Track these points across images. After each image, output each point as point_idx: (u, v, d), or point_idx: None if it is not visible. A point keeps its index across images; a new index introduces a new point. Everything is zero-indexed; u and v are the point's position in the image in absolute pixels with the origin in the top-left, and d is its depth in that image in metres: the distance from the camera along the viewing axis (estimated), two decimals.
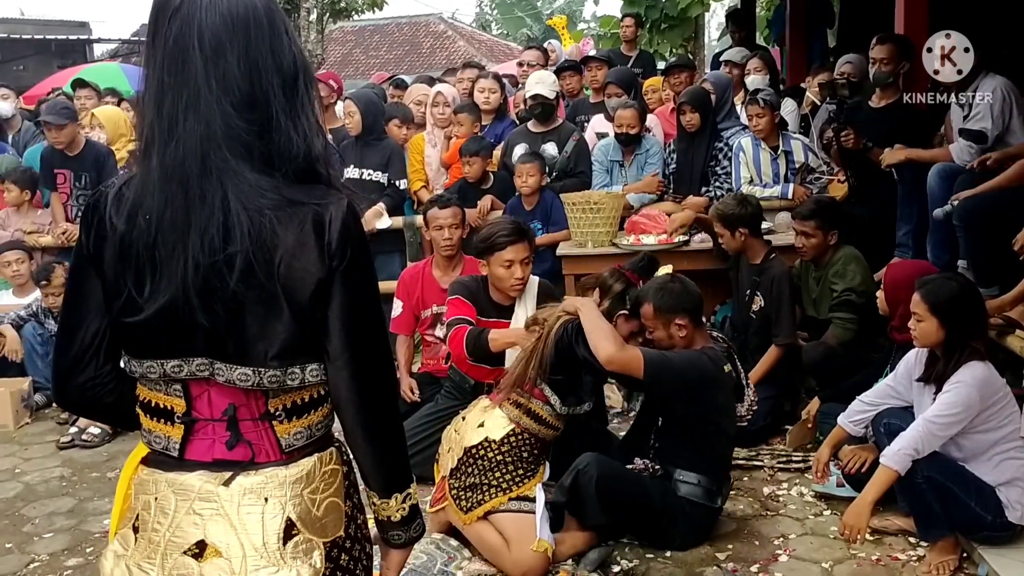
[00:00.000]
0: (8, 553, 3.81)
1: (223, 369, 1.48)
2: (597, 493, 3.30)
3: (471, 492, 3.36)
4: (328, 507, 1.54)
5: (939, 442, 3.20)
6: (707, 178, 5.86)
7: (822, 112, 6.19)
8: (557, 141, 6.08)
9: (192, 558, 1.46)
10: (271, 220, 1.43)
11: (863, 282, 4.57)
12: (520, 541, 3.24)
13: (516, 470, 3.39)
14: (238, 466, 1.50)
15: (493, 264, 3.96)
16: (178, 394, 1.52)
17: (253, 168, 1.45)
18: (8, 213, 6.53)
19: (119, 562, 1.51)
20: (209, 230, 1.41)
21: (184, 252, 1.42)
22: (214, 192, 1.42)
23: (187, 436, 1.53)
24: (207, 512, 1.47)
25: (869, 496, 3.20)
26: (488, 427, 3.43)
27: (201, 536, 1.47)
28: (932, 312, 3.26)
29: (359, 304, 1.53)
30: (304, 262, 1.46)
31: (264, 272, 1.43)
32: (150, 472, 1.53)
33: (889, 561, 3.32)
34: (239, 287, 1.42)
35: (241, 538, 1.46)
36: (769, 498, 3.88)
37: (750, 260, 4.83)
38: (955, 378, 3.20)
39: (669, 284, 3.60)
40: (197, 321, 1.44)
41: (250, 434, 1.52)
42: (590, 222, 5.39)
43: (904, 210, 5.20)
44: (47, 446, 5.15)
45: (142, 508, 1.51)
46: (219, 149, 1.43)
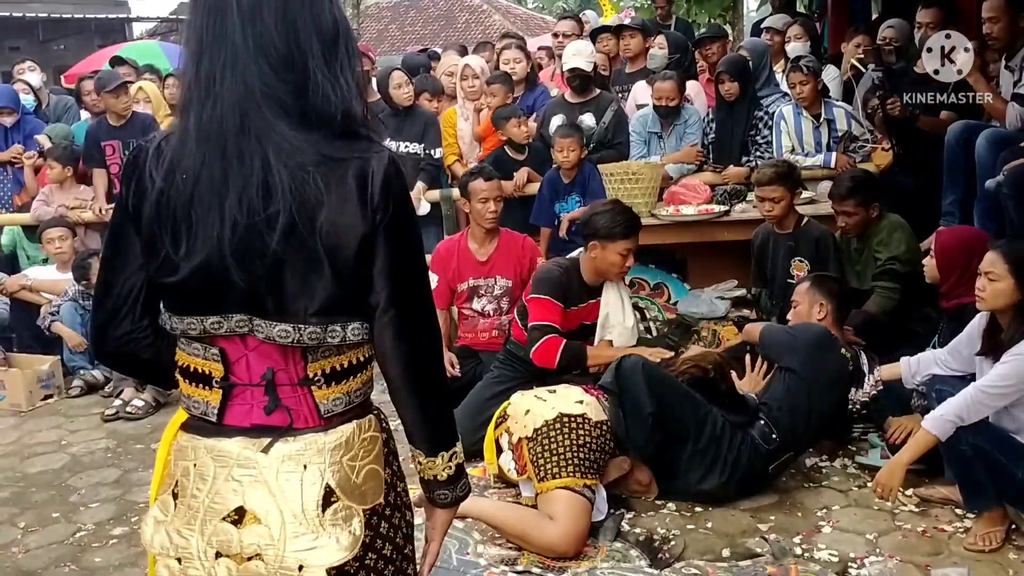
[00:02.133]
0: (55, 522, 3.87)
1: (262, 325, 1.47)
2: (645, 377, 3.40)
3: (551, 461, 3.31)
4: (367, 474, 1.54)
5: (987, 412, 3.13)
6: (747, 148, 5.78)
7: (866, 79, 6.06)
8: (595, 111, 6.01)
9: (231, 524, 1.46)
10: (313, 177, 1.42)
11: (908, 250, 4.48)
12: (573, 516, 3.22)
13: (596, 460, 3.38)
14: (276, 431, 1.49)
15: (610, 250, 4.06)
16: (216, 358, 1.51)
17: (291, 126, 1.43)
18: (52, 189, 6.61)
19: (159, 528, 1.51)
20: (248, 190, 1.41)
21: (220, 212, 1.41)
22: (253, 151, 1.42)
23: (225, 401, 1.52)
24: (246, 478, 1.47)
25: (904, 457, 3.18)
26: (587, 406, 3.44)
27: (240, 502, 1.46)
28: (1012, 272, 3.16)
29: (404, 258, 1.51)
30: (347, 218, 1.44)
31: (306, 230, 1.42)
32: (189, 438, 1.53)
33: (935, 532, 3.27)
34: (280, 247, 1.41)
35: (280, 505, 1.45)
36: (812, 470, 3.84)
37: (781, 230, 4.78)
38: (1016, 349, 3.12)
39: (829, 279, 4.15)
40: (233, 279, 1.43)
41: (288, 399, 1.50)
42: (629, 192, 5.33)
43: (950, 178, 5.09)
44: (92, 418, 5.23)
45: (181, 474, 1.51)
46: (257, 109, 1.42)
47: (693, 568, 3.10)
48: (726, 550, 3.24)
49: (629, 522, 3.47)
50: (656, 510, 3.56)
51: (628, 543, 3.32)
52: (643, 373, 3.42)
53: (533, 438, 3.37)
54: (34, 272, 6.29)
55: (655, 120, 5.95)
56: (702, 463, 3.49)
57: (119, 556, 3.52)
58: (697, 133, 5.92)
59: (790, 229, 4.76)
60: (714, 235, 5.25)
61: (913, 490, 3.50)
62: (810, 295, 4.00)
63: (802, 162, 5.56)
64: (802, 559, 3.14)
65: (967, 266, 3.61)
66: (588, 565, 3.16)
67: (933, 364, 3.59)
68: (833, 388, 3.67)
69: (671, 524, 3.45)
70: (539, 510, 3.30)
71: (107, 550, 3.58)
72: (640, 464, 3.58)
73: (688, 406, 3.49)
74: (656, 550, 3.27)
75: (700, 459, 3.49)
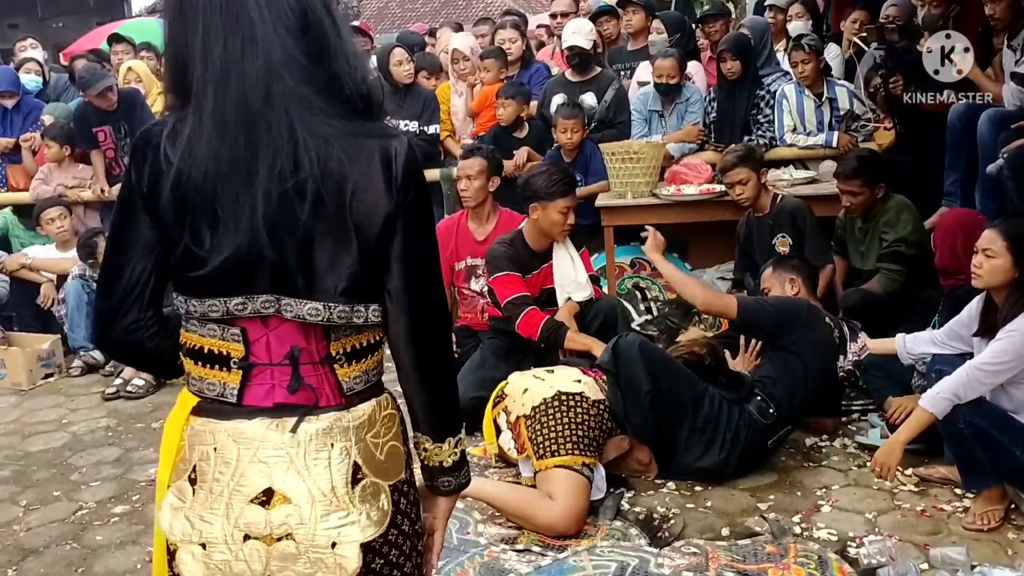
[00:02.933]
0: (57, 501, 3.89)
1: (291, 304, 1.45)
2: (642, 357, 3.43)
3: (550, 439, 3.32)
4: (389, 451, 1.54)
5: (984, 389, 3.13)
6: (749, 127, 5.74)
7: (867, 57, 6.02)
8: (596, 91, 5.97)
9: (259, 506, 1.44)
10: (338, 150, 1.41)
11: (915, 231, 4.47)
12: (572, 494, 3.23)
13: (594, 439, 3.38)
14: (301, 410, 1.47)
15: (550, 210, 4.13)
16: (236, 339, 1.48)
17: (315, 92, 1.42)
18: (50, 168, 6.59)
19: (177, 515, 1.48)
20: (278, 160, 1.39)
21: (250, 190, 1.39)
22: (280, 122, 1.39)
23: (244, 382, 1.49)
24: (272, 459, 1.45)
25: (902, 436, 3.18)
26: (585, 385, 3.45)
27: (267, 483, 1.44)
28: (1010, 249, 3.16)
29: (420, 244, 1.52)
30: (374, 196, 1.44)
31: (334, 203, 1.42)
32: (205, 422, 1.50)
33: (934, 512, 3.27)
34: (310, 220, 1.41)
35: (309, 484, 1.44)
36: (811, 449, 3.85)
37: (759, 212, 4.80)
38: (1011, 326, 3.12)
39: (788, 257, 4.18)
40: (264, 257, 1.41)
41: (311, 378, 1.49)
42: (630, 172, 5.31)
43: (952, 158, 5.06)
44: (93, 397, 5.23)
45: (199, 459, 1.48)
46: (281, 79, 1.40)
47: (692, 547, 3.11)
48: (725, 529, 3.25)
49: (629, 501, 3.49)
50: (656, 489, 3.57)
51: (628, 522, 3.33)
52: (640, 352, 3.44)
53: (531, 416, 3.37)
54: (34, 251, 6.28)
55: (656, 98, 5.92)
56: (700, 440, 3.50)
57: (120, 534, 3.53)
58: (698, 112, 5.89)
59: (767, 210, 4.79)
60: (715, 215, 5.23)
61: (912, 470, 3.51)
62: (778, 276, 4.06)
63: (804, 141, 5.54)
64: (801, 538, 3.15)
65: (968, 246, 3.60)
66: (588, 543, 3.17)
67: (929, 343, 3.59)
68: (823, 357, 3.71)
69: (671, 503, 3.46)
70: (538, 489, 3.31)
71: (108, 528, 3.59)
72: (639, 444, 3.59)
73: (685, 384, 3.51)
74: (656, 529, 3.28)
75: (699, 436, 3.50)
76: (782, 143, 5.61)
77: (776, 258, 4.25)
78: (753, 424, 3.52)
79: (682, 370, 3.55)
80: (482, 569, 3.06)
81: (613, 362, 3.48)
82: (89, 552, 3.41)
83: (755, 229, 4.83)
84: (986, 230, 3.26)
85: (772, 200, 4.81)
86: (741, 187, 4.72)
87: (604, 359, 3.54)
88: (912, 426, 3.17)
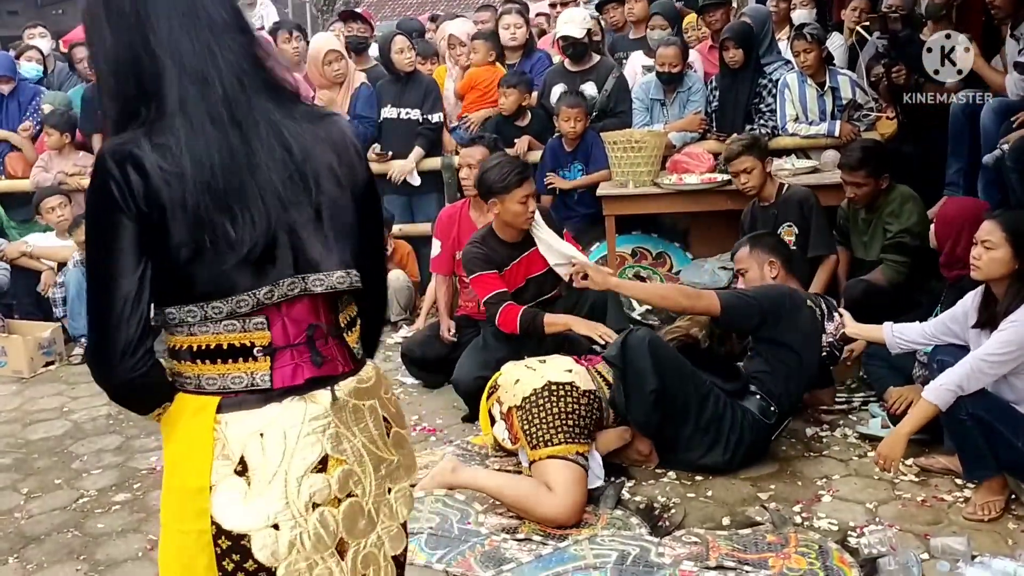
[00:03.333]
0: (57, 488, 3.89)
1: (320, 279, 1.54)
2: (651, 354, 3.39)
3: (542, 429, 3.32)
4: (397, 403, 1.74)
5: (987, 380, 3.13)
6: (751, 116, 5.73)
7: (869, 46, 6.01)
8: (596, 80, 5.95)
9: (317, 473, 1.52)
10: (311, 131, 1.54)
11: (919, 222, 4.45)
12: (570, 485, 3.23)
13: (586, 427, 3.38)
14: (330, 380, 1.57)
15: (509, 202, 4.10)
16: (260, 327, 1.52)
17: (269, 86, 1.53)
18: (50, 156, 6.58)
19: (237, 508, 1.48)
20: (272, 148, 1.49)
21: (256, 179, 1.47)
22: (259, 112, 1.49)
23: (272, 367, 1.54)
24: (319, 429, 1.53)
25: (905, 428, 3.17)
26: (576, 375, 3.44)
27: (322, 451, 1.53)
28: (1009, 240, 3.15)
29: (378, 215, 1.73)
30: (352, 166, 1.59)
31: (331, 179, 1.54)
32: (240, 415, 1.51)
33: (934, 502, 3.28)
34: (316, 196, 1.52)
35: (356, 443, 1.58)
36: (812, 439, 3.85)
37: (765, 199, 4.78)
38: (1014, 316, 3.11)
39: (763, 235, 4.09)
40: (283, 239, 1.49)
41: (328, 350, 1.59)
42: (631, 161, 5.30)
43: (955, 148, 5.06)
44: (94, 385, 5.11)
45: (243, 451, 1.49)
46: (246, 73, 1.50)
47: (693, 536, 3.12)
48: (726, 518, 3.25)
49: (629, 490, 3.49)
50: (656, 479, 3.58)
51: (628, 511, 3.34)
52: (649, 349, 3.41)
53: (522, 407, 3.37)
54: (34, 239, 6.28)
55: (658, 87, 5.90)
56: (704, 440, 3.51)
57: (121, 522, 3.53)
58: (700, 101, 5.87)
59: (772, 199, 4.76)
60: (717, 204, 5.23)
61: (913, 460, 3.51)
62: (756, 256, 3.98)
63: (806, 130, 5.53)
64: (802, 528, 3.15)
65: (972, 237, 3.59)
66: (589, 533, 3.17)
67: (919, 335, 3.55)
68: (812, 342, 3.70)
69: (671, 493, 3.46)
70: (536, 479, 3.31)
71: (110, 516, 3.59)
72: (641, 436, 3.59)
73: (691, 384, 3.49)
74: (656, 518, 3.28)
75: (702, 436, 3.51)
76: (784, 132, 5.60)
77: (751, 236, 4.14)
78: (756, 424, 3.53)
79: (689, 369, 3.52)
80: (483, 557, 3.06)
81: (621, 357, 3.46)
82: (90, 540, 3.42)
83: (760, 218, 4.81)
84: (985, 221, 3.25)
85: (778, 189, 4.78)
86: (746, 176, 4.70)
87: (611, 353, 3.51)
88: (916, 418, 3.16)
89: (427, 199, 6.23)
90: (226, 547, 1.49)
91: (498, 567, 3.00)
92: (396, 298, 5.83)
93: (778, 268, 3.95)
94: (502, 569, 2.98)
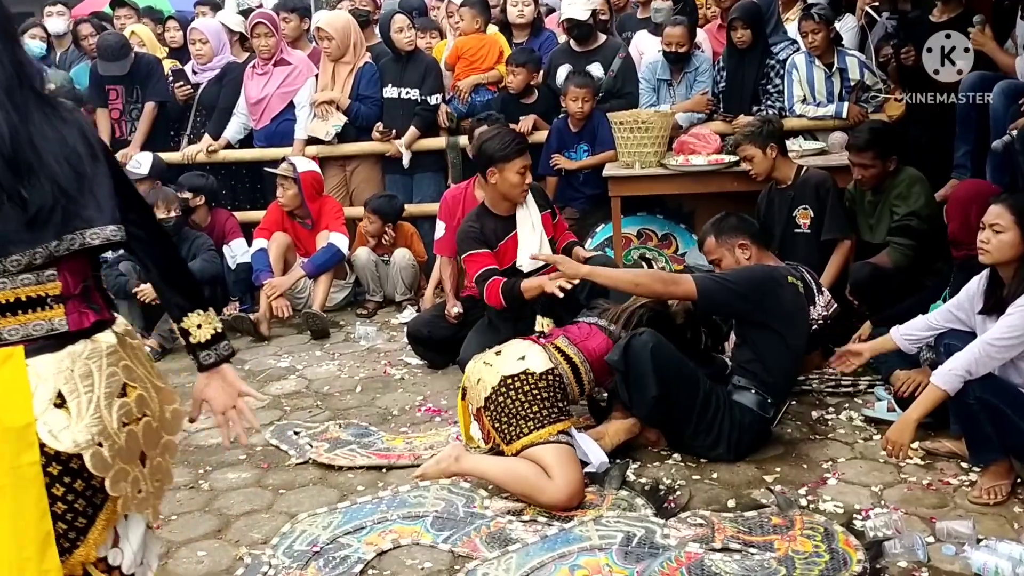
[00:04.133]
0: None
1: (96, 233, 1.82)
2: (653, 361, 3.36)
3: (510, 424, 3.33)
4: None
5: (995, 364, 3.12)
6: (758, 97, 5.69)
7: (879, 27, 5.96)
8: (602, 61, 5.92)
9: (121, 398, 1.85)
10: (61, 117, 1.82)
11: (927, 204, 4.43)
12: (563, 466, 3.23)
13: (553, 408, 3.37)
14: (107, 323, 1.90)
15: (508, 171, 4.12)
16: (52, 279, 1.81)
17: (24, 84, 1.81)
18: None
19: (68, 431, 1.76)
20: (46, 131, 1.79)
21: (40, 154, 1.76)
22: (29, 102, 1.79)
23: (65, 314, 1.82)
24: (115, 362, 1.86)
25: (914, 415, 3.16)
26: (528, 360, 3.42)
27: (121, 380, 1.86)
28: (1018, 223, 3.13)
29: (126, 178, 2.00)
30: (94, 142, 1.87)
31: (88, 154, 1.83)
32: (44, 359, 1.78)
33: (940, 485, 3.27)
34: (87, 167, 1.81)
35: (140, 371, 1.93)
36: (818, 422, 3.85)
37: (781, 183, 4.72)
38: (1021, 300, 3.10)
39: (725, 217, 3.87)
40: (62, 204, 1.77)
41: (97, 300, 1.92)
42: (638, 142, 5.26)
43: (963, 130, 5.02)
44: None
45: (60, 387, 1.78)
46: (16, 77, 1.79)
47: (699, 518, 3.12)
48: (731, 501, 3.25)
49: (635, 472, 3.49)
50: (661, 460, 3.58)
51: (634, 492, 3.34)
52: (652, 355, 3.37)
53: (486, 407, 3.39)
54: None
55: (665, 67, 5.86)
56: (706, 440, 3.51)
57: None
58: (707, 81, 5.83)
59: (789, 182, 4.71)
60: (723, 186, 5.19)
61: (919, 443, 3.49)
62: (724, 243, 3.83)
63: (813, 112, 5.50)
64: (807, 510, 3.15)
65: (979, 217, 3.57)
66: (594, 514, 3.17)
67: (927, 328, 3.53)
68: (798, 322, 3.61)
69: (676, 474, 3.46)
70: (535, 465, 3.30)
71: None
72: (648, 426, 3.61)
73: (693, 388, 3.47)
74: (662, 499, 3.28)
75: (704, 435, 3.51)
76: (791, 113, 5.57)
77: (713, 223, 3.92)
78: (755, 420, 3.51)
79: (690, 371, 3.48)
80: (488, 538, 3.07)
81: (623, 362, 3.43)
82: None
83: (776, 201, 4.76)
84: (993, 205, 3.23)
85: (796, 172, 4.72)
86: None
87: (613, 357, 3.47)
88: (924, 404, 3.15)
89: (427, 180, 6.24)
90: (57, 472, 1.76)
91: (504, 547, 3.00)
92: (401, 277, 5.83)
93: (750, 248, 3.80)
94: (508, 550, 2.98)
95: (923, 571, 2.76)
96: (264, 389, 4.64)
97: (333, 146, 6.28)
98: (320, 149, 6.25)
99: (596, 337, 3.62)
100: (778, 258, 3.99)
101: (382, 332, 5.47)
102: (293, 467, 3.73)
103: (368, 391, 4.57)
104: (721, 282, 3.53)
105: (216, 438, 4.05)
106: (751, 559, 2.85)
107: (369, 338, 5.32)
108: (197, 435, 4.11)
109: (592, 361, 3.55)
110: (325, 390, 4.62)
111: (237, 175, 6.62)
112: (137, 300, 5.32)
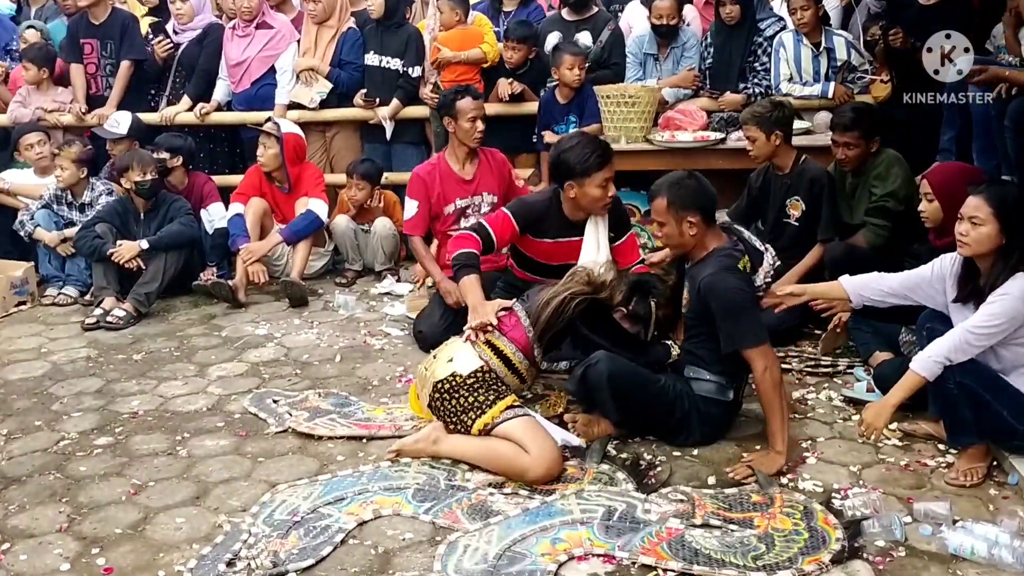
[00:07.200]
0: (38, 430, 3.85)
1: None
2: (610, 389, 3.34)
3: (458, 420, 3.36)
4: None
5: (974, 352, 3.14)
6: (744, 74, 5.68)
7: (863, 7, 5.94)
8: (592, 30, 5.87)
9: None
10: None
11: (904, 185, 4.44)
12: (535, 439, 3.24)
13: (489, 393, 3.36)
14: None
15: (588, 186, 3.85)
16: None
17: None
18: (29, 91, 6.42)
19: None
20: None
21: None
22: None
23: None
24: None
25: (892, 399, 3.17)
26: (456, 362, 3.40)
27: None
28: (997, 216, 3.13)
29: None
30: None
31: None
32: None
33: (917, 467, 3.30)
34: None
35: None
36: (798, 401, 3.86)
37: (779, 168, 4.70)
38: (1003, 289, 3.11)
39: (685, 180, 3.45)
40: None
41: None
42: (624, 116, 5.24)
43: (949, 114, 5.04)
44: (72, 327, 5.16)
45: None
46: None
47: (679, 494, 3.13)
48: (712, 477, 3.27)
49: (615, 447, 3.49)
50: (642, 436, 3.58)
51: (615, 466, 3.35)
52: (608, 382, 3.34)
53: (431, 408, 3.45)
54: (11, 176, 6.15)
55: (652, 42, 5.83)
56: (678, 436, 3.51)
57: (104, 466, 3.50)
58: (694, 57, 5.81)
59: (787, 168, 4.68)
60: (709, 163, 5.18)
61: (897, 425, 3.53)
62: (672, 213, 3.39)
63: (799, 91, 5.49)
64: (787, 489, 3.17)
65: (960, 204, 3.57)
66: (575, 487, 3.18)
67: (881, 293, 3.48)
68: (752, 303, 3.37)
69: (657, 451, 3.47)
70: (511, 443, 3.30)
71: (91, 459, 3.56)
72: None
73: (656, 398, 3.44)
74: (642, 475, 3.29)
75: (675, 434, 3.51)
76: (778, 92, 5.55)
77: (669, 184, 3.45)
78: (719, 405, 3.49)
79: (652, 387, 3.42)
80: (470, 510, 3.07)
81: (581, 392, 3.47)
82: (73, 483, 3.38)
83: (772, 184, 4.73)
84: (971, 197, 3.21)
85: (795, 160, 4.67)
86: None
87: (570, 387, 3.50)
88: (903, 389, 3.16)
89: (406, 150, 6.20)
90: None
91: (485, 520, 3.00)
92: (382, 247, 5.79)
93: (697, 224, 3.38)
94: (489, 522, 2.98)
95: (900, 550, 2.79)
96: (242, 356, 4.60)
97: (315, 112, 6.20)
98: (301, 114, 6.16)
99: (519, 327, 3.50)
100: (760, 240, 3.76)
101: (361, 301, 5.43)
102: (272, 436, 3.70)
103: (348, 361, 4.54)
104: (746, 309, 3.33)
105: (193, 404, 4.02)
106: (731, 536, 2.87)
107: (348, 307, 5.28)
108: (174, 401, 4.07)
109: (523, 350, 3.47)
110: (304, 359, 4.58)
111: (216, 138, 6.54)
112: (112, 263, 5.26)
